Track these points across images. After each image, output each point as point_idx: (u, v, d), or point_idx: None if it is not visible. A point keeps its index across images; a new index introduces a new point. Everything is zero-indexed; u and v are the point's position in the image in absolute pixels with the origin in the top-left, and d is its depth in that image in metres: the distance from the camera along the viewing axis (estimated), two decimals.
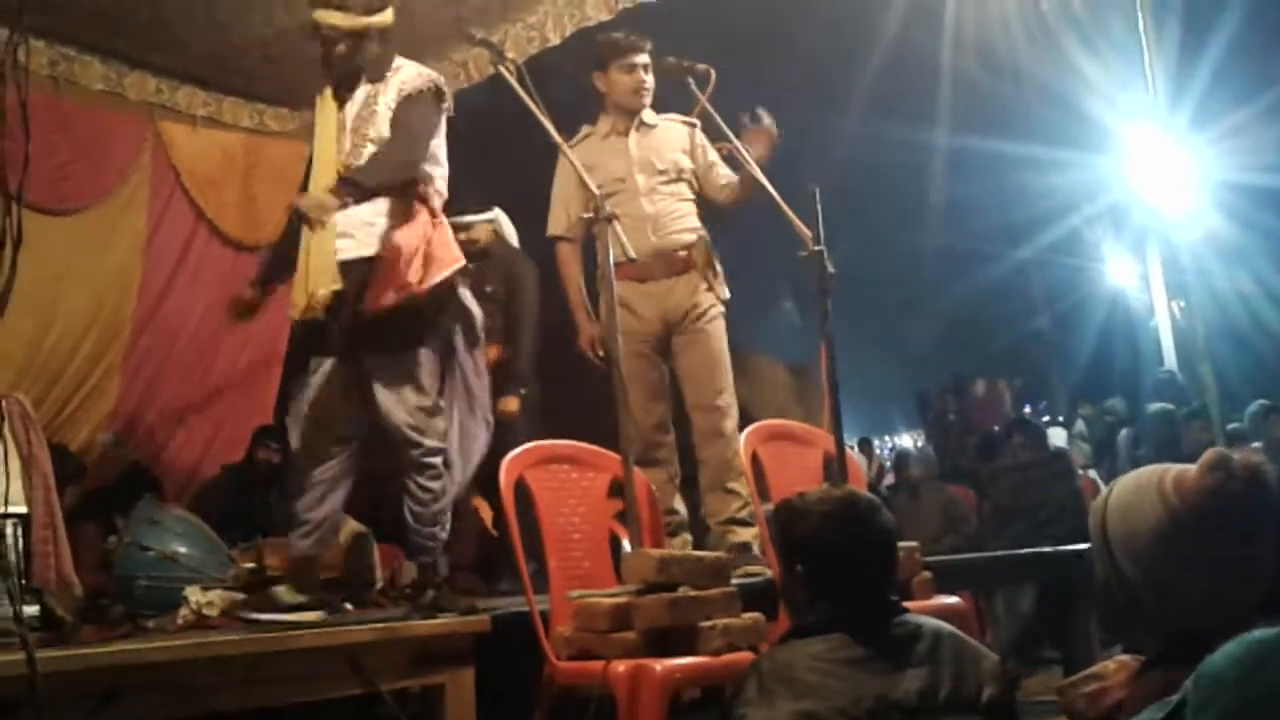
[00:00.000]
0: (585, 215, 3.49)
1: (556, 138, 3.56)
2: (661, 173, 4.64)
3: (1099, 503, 1.77)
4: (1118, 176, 10.61)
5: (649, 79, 4.62)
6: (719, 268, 4.68)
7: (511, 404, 5.52)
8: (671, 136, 4.69)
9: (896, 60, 8.74)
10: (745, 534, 4.36)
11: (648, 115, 4.72)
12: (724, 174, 4.71)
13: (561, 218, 4.62)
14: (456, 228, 5.51)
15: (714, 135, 4.61)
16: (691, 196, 4.70)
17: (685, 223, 4.64)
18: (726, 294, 4.68)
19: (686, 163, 4.68)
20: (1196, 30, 8.79)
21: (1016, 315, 17.10)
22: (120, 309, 6.49)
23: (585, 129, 4.79)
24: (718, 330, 4.63)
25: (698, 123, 4.74)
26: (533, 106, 3.63)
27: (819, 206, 4.01)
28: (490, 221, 5.82)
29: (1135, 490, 1.72)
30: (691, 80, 4.49)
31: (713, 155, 4.73)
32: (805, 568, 2.33)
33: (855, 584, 2.26)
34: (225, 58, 6.28)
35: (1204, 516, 1.64)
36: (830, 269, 3.93)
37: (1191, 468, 1.68)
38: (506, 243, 5.87)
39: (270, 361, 7.17)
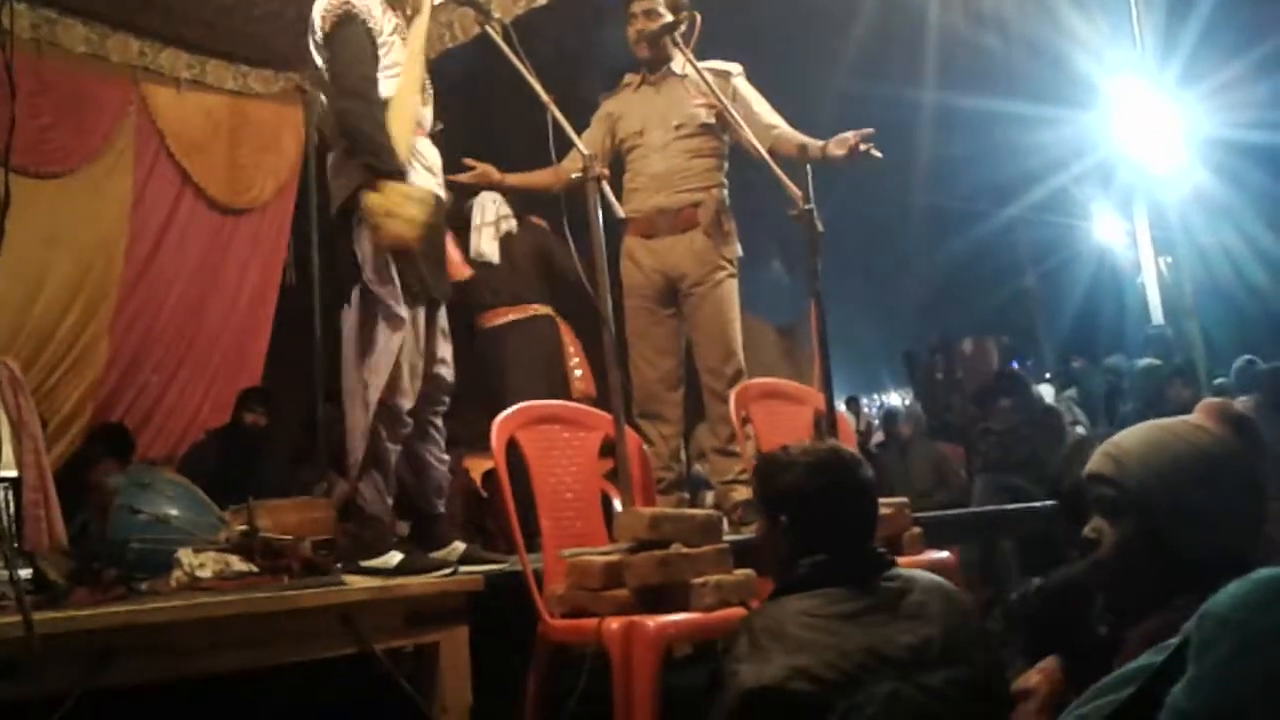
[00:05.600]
0: (575, 174, 3.46)
1: (545, 98, 3.52)
2: (677, 127, 4.61)
3: (1112, 457, 1.76)
4: (1105, 133, 10.61)
5: (651, 26, 4.57)
6: (729, 226, 4.67)
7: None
8: (696, 88, 4.61)
9: (883, 17, 8.70)
10: (747, 492, 4.39)
11: (677, 65, 4.67)
12: (769, 119, 4.63)
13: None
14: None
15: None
16: (712, 151, 4.66)
17: (698, 180, 4.60)
18: (738, 252, 4.67)
19: (706, 117, 4.62)
20: None
21: (1004, 273, 17.12)
22: (107, 273, 6.46)
23: (626, 78, 4.80)
24: (727, 292, 4.61)
25: (735, 69, 4.68)
26: (520, 66, 3.60)
27: (808, 165, 4.01)
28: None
29: (1160, 429, 1.74)
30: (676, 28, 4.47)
31: (755, 103, 4.65)
32: (789, 518, 2.33)
33: (839, 535, 2.27)
34: (208, 20, 6.23)
35: (1243, 433, 1.70)
36: (819, 228, 3.93)
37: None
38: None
39: (258, 325, 7.17)
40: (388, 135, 3.41)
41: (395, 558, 3.43)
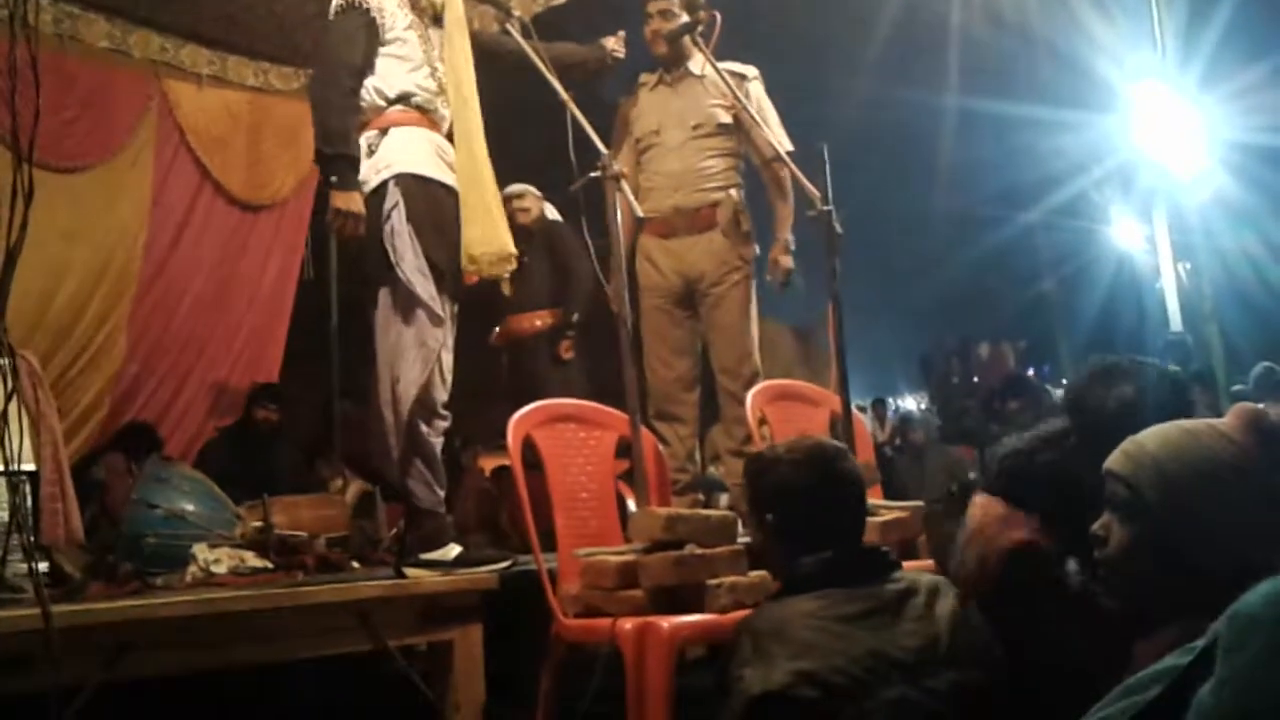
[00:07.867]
0: (593, 174, 3.45)
1: (564, 95, 3.53)
2: (695, 127, 4.59)
3: (1131, 457, 1.71)
4: (1125, 137, 10.55)
5: (667, 25, 4.57)
6: (747, 226, 4.65)
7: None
8: (714, 88, 4.60)
9: (905, 20, 8.68)
10: None
11: (695, 65, 4.66)
12: (769, 140, 4.51)
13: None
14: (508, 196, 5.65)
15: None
16: (729, 151, 4.65)
17: (715, 180, 4.59)
18: (756, 253, 4.65)
19: (724, 117, 4.62)
20: None
21: (1022, 278, 17.04)
22: (127, 267, 6.48)
23: (642, 77, 4.78)
24: (744, 293, 4.60)
25: (751, 72, 4.67)
26: (539, 63, 3.60)
27: (827, 166, 4.00)
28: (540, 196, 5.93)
29: (1184, 433, 1.69)
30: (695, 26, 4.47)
31: (768, 113, 4.62)
32: (776, 516, 2.34)
33: (824, 530, 2.26)
34: (230, 16, 6.25)
35: (1270, 445, 1.64)
36: (838, 229, 3.92)
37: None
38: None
39: (276, 320, 7.18)
40: (344, 123, 3.48)
41: (454, 550, 3.46)
